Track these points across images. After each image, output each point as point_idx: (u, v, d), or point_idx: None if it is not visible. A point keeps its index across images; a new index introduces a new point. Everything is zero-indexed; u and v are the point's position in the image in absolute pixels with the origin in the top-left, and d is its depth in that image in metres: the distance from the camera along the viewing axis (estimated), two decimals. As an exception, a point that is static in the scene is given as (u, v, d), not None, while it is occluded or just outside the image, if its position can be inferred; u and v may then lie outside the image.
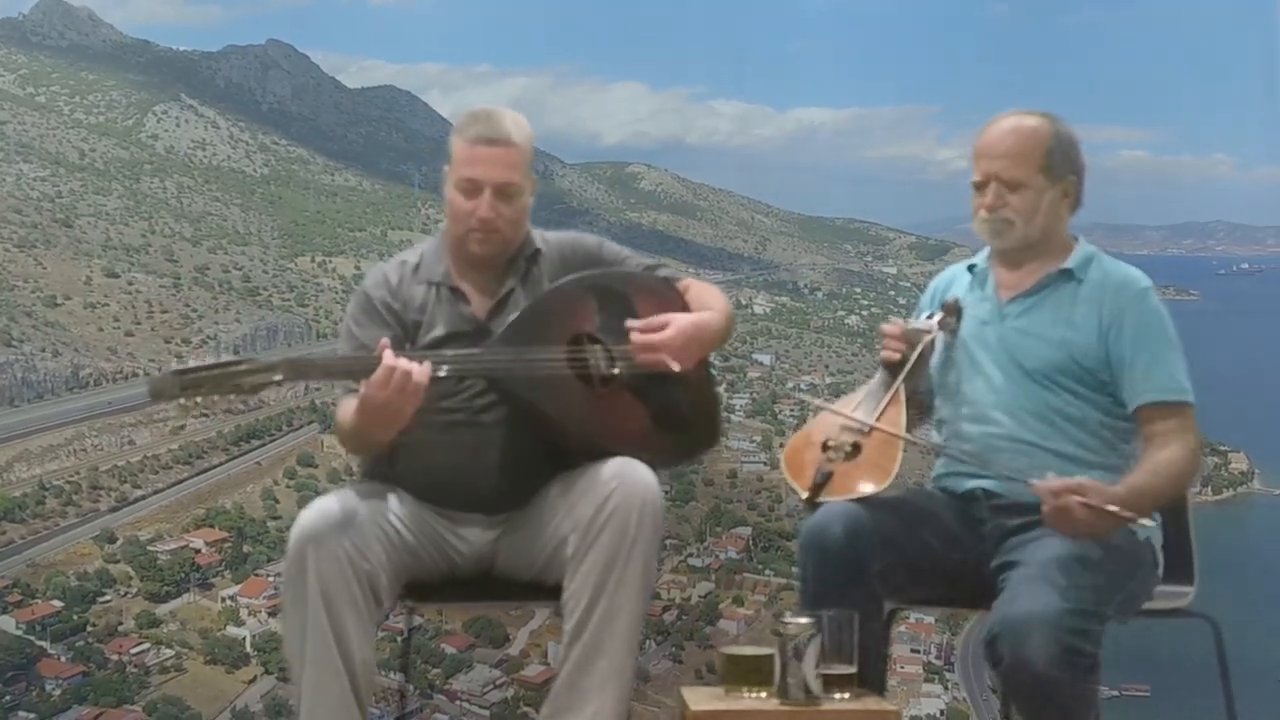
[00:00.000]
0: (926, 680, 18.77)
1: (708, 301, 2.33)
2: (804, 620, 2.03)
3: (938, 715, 17.51)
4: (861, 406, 2.32)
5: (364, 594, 2.08)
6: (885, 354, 2.36)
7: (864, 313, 32.25)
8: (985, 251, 2.42)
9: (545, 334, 2.22)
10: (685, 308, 2.31)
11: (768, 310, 32.17)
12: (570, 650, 2.11)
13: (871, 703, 2.07)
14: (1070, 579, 2.00)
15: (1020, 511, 2.20)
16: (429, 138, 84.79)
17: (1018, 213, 2.29)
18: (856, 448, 2.27)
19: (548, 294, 2.27)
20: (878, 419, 2.28)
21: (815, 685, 2.01)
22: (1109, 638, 1.99)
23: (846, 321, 31.39)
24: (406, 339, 2.25)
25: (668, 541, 22.65)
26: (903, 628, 20.46)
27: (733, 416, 26.68)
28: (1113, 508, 2.02)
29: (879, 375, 2.36)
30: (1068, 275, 2.30)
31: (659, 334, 2.22)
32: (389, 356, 2.05)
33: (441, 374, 2.11)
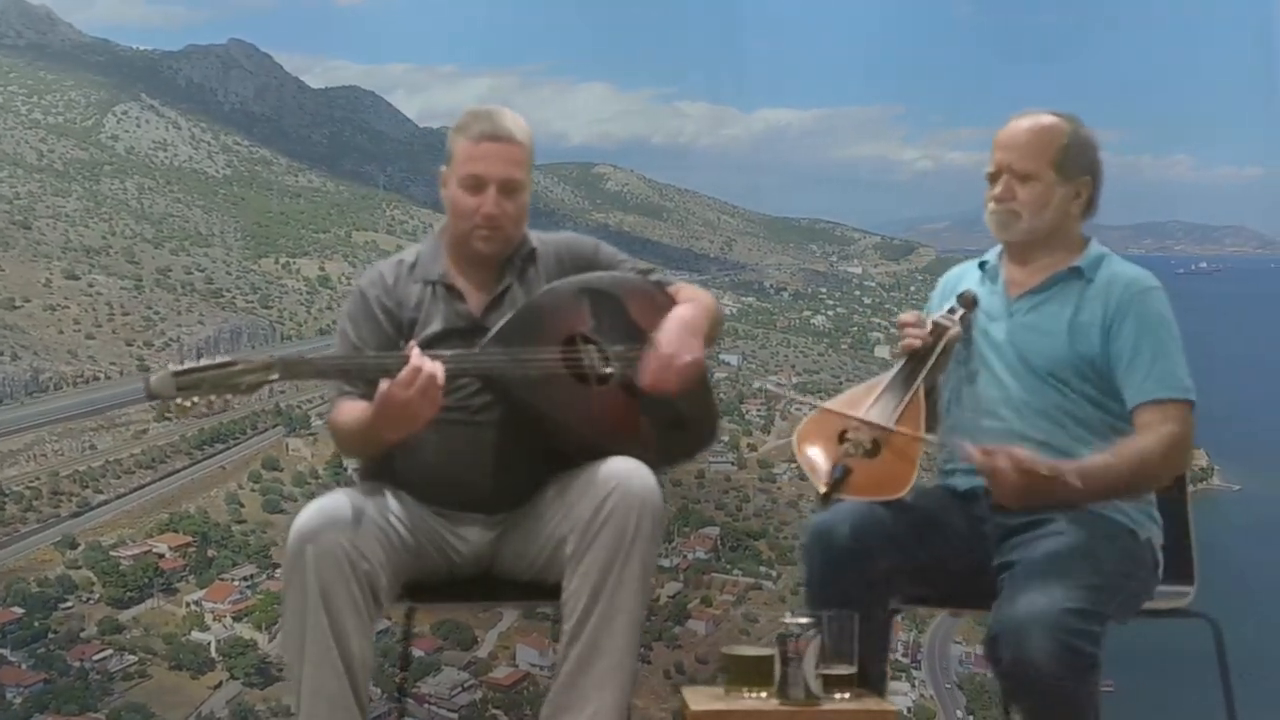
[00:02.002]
0: (894, 678, 18.92)
1: (697, 299, 2.35)
2: (804, 620, 2.03)
3: (905, 713, 17.65)
4: (880, 401, 2.30)
5: (363, 594, 2.08)
6: (906, 342, 2.36)
7: (829, 313, 32.42)
8: (997, 249, 2.43)
9: (539, 334, 2.24)
10: None
11: (734, 311, 32.26)
12: (570, 650, 2.12)
13: (872, 703, 2.08)
14: (1071, 578, 2.00)
15: (1021, 511, 2.20)
16: (394, 139, 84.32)
17: (1024, 205, 2.30)
18: (876, 445, 2.25)
19: (541, 295, 2.29)
20: (898, 419, 2.26)
21: (815, 685, 2.02)
22: (1108, 637, 1.99)
23: (812, 321, 31.56)
24: (401, 338, 2.26)
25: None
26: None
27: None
28: (1047, 470, 2.06)
29: (897, 368, 2.34)
30: (1077, 274, 2.31)
31: (658, 353, 2.23)
32: (416, 356, 2.07)
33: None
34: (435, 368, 2.06)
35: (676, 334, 2.24)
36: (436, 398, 2.07)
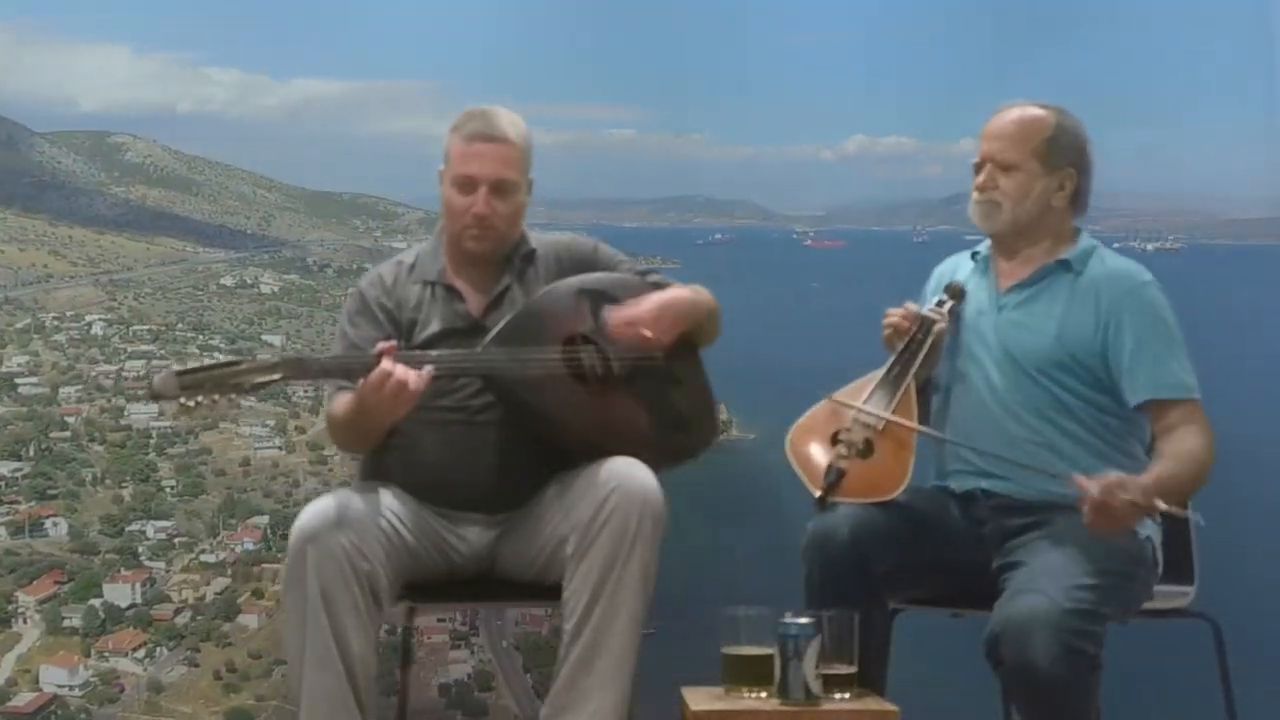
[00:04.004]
0: (454, 647, 19.24)
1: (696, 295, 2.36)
2: (805, 620, 2.04)
3: (465, 678, 18.07)
4: (872, 398, 2.29)
5: (363, 594, 2.09)
6: (887, 335, 2.34)
7: (376, 289, 32.08)
8: (989, 240, 2.40)
9: (539, 335, 2.24)
10: None
11: (276, 289, 30.97)
12: (570, 650, 2.12)
13: (872, 703, 2.09)
14: (1072, 579, 2.00)
15: (1021, 512, 2.21)
16: None
17: (1006, 195, 2.29)
18: (869, 445, 2.25)
19: (540, 296, 2.30)
20: (892, 414, 2.26)
21: (815, 685, 2.03)
22: (1108, 637, 2.00)
23: (358, 298, 31.13)
24: (401, 338, 2.27)
25: (176, 540, 21.19)
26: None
27: (243, 401, 25.32)
28: (1160, 504, 2.02)
29: (888, 365, 2.33)
30: (1066, 266, 2.29)
31: (635, 309, 2.24)
32: (386, 362, 2.06)
33: (433, 372, 2.12)
34: (407, 375, 2.07)
35: (662, 307, 2.25)
36: (410, 401, 2.08)
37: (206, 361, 2.09)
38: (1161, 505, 2.04)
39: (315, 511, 2.13)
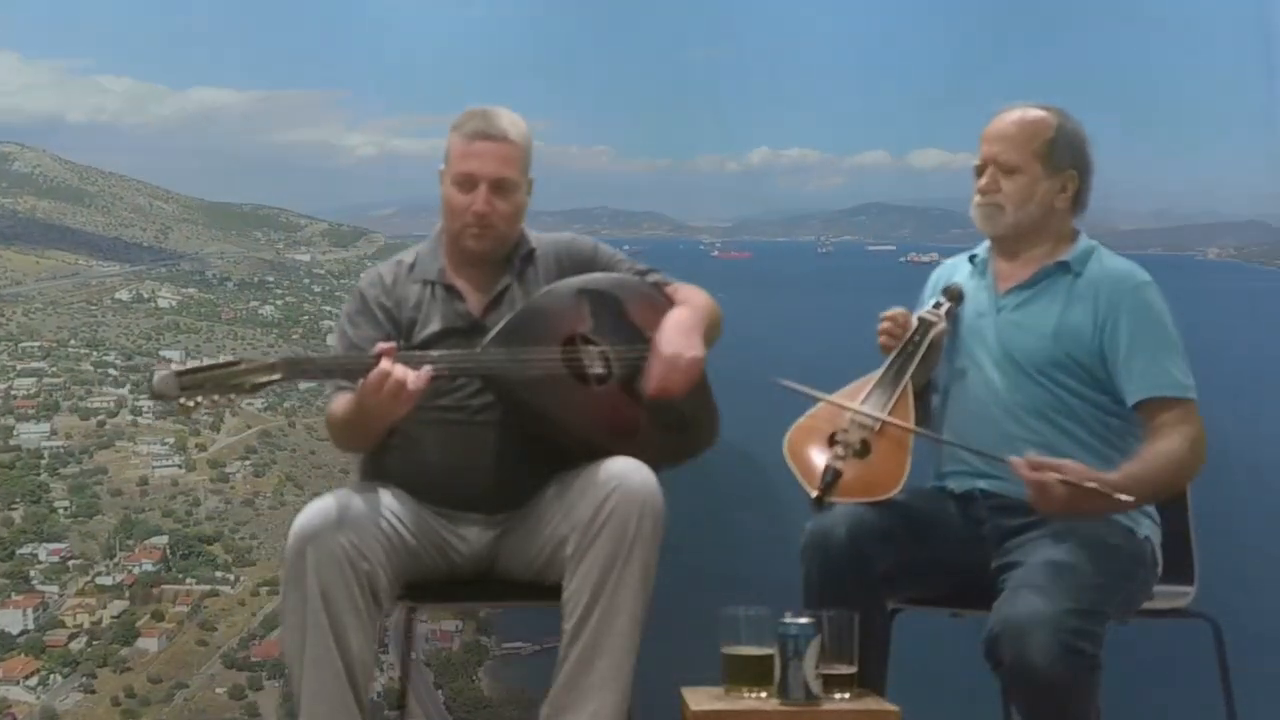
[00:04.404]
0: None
1: (692, 300, 2.36)
2: (805, 620, 2.03)
3: (375, 698, 17.78)
4: (869, 399, 2.29)
5: (363, 594, 2.08)
6: (882, 340, 2.34)
7: (279, 302, 31.46)
8: (986, 242, 2.40)
9: (539, 335, 2.24)
10: None
11: (174, 304, 30.20)
12: (570, 650, 2.11)
13: (872, 703, 2.08)
14: (1071, 579, 2.00)
15: (1020, 512, 2.20)
16: None
17: (1009, 198, 2.29)
18: (865, 445, 2.25)
19: (540, 296, 2.29)
20: (889, 414, 2.26)
21: (815, 685, 2.02)
22: (1108, 637, 2.00)
23: (260, 312, 30.46)
24: (400, 337, 2.26)
25: (70, 563, 20.50)
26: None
27: (140, 419, 24.76)
28: (1091, 484, 2.03)
29: (885, 366, 2.33)
30: (1065, 268, 2.29)
31: (659, 360, 2.22)
32: (386, 363, 2.05)
33: (432, 372, 2.11)
34: (406, 375, 2.05)
35: (674, 336, 2.25)
36: (409, 401, 2.07)
37: (206, 361, 2.08)
38: (1092, 484, 2.04)
39: (315, 511, 2.12)
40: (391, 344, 2.13)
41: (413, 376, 2.07)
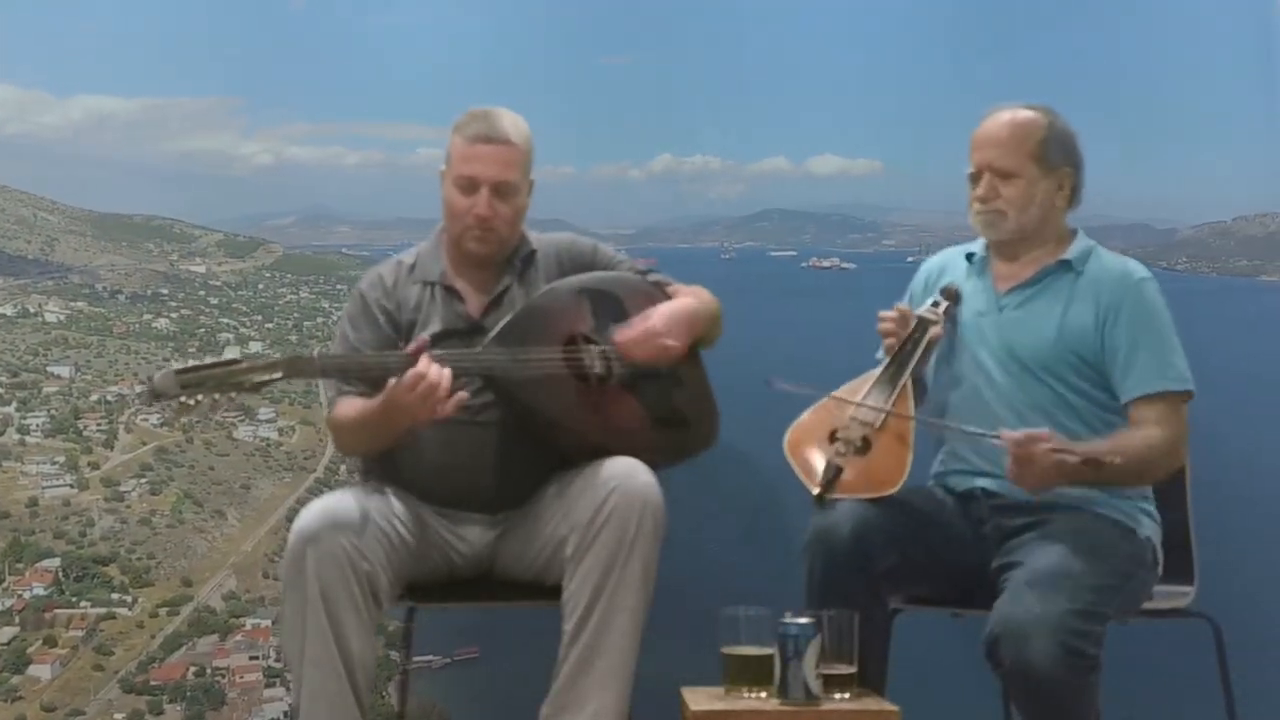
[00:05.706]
0: (268, 686, 18.50)
1: (698, 296, 2.36)
2: (805, 620, 2.02)
3: (280, 718, 17.40)
4: (869, 397, 2.28)
5: (363, 594, 2.07)
6: (888, 341, 2.32)
7: (174, 314, 30.67)
8: (983, 240, 2.38)
9: (540, 335, 2.23)
10: None
11: (62, 318, 29.24)
12: (570, 650, 2.11)
13: (872, 703, 2.07)
14: (1071, 579, 2.00)
15: (1020, 511, 2.20)
16: None
17: (1010, 203, 2.27)
18: (866, 442, 2.24)
19: (541, 296, 2.28)
20: (890, 407, 2.25)
21: (815, 685, 2.01)
22: (1108, 637, 2.00)
23: (154, 325, 29.67)
24: (401, 339, 2.26)
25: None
26: (239, 636, 19.90)
27: (28, 438, 23.93)
28: (1072, 458, 2.02)
29: (884, 365, 2.32)
30: (1066, 267, 2.29)
31: (646, 324, 2.23)
32: (423, 362, 2.05)
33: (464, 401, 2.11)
34: (441, 375, 2.05)
35: (671, 317, 2.25)
36: (438, 404, 2.05)
37: (207, 360, 2.06)
38: (1072, 458, 2.05)
39: (315, 512, 2.10)
40: (424, 337, 2.14)
41: (447, 377, 2.06)
